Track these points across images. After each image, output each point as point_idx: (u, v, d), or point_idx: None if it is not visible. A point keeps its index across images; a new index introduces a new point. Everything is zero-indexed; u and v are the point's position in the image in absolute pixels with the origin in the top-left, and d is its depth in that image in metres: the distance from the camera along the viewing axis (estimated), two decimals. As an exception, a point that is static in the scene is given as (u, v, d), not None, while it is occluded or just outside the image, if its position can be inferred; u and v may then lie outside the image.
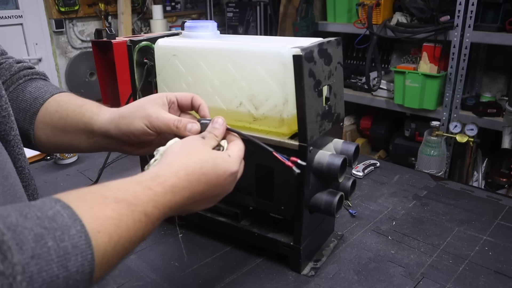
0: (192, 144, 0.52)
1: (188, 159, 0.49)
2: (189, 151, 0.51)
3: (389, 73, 2.41)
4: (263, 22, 2.94)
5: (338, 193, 0.75)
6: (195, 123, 0.60)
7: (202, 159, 0.50)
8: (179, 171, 0.48)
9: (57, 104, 0.66)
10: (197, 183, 0.49)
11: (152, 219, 0.44)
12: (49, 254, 0.32)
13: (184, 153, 0.51)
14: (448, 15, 1.96)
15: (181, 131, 0.59)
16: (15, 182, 0.48)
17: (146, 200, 0.43)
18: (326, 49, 0.72)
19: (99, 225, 0.38)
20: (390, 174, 1.20)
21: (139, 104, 0.62)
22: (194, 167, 0.49)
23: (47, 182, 1.19)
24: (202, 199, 0.51)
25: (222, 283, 0.76)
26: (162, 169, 0.47)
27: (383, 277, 0.77)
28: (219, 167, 0.51)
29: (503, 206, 1.02)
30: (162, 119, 0.59)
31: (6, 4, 2.47)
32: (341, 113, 0.81)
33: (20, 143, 0.52)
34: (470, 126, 1.97)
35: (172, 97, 0.64)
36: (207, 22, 0.83)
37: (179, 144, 0.53)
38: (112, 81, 1.40)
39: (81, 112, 0.65)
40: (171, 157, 0.50)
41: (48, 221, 0.34)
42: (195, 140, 0.54)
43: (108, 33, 1.34)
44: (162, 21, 3.02)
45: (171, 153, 0.51)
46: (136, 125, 0.60)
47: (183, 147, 0.52)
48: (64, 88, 2.81)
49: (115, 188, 0.43)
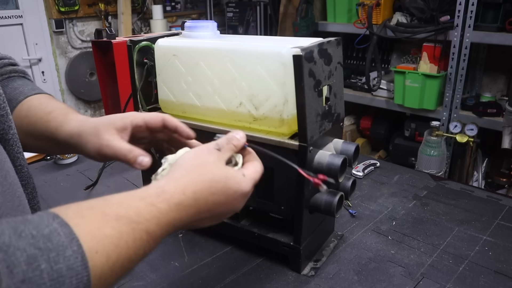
0: (204, 159, 0.49)
1: (198, 175, 0.46)
2: (200, 166, 0.48)
3: (389, 73, 2.41)
4: (263, 22, 2.94)
5: (338, 193, 0.75)
6: (147, 156, 0.56)
7: (212, 179, 0.47)
8: (186, 188, 0.45)
9: (27, 108, 0.64)
10: (204, 202, 0.46)
11: (154, 237, 0.41)
12: (41, 278, 0.31)
13: (194, 168, 0.47)
14: (448, 15, 1.96)
15: (132, 164, 0.55)
16: (14, 181, 0.47)
17: (149, 217, 0.41)
18: (326, 49, 0.72)
19: (97, 244, 0.36)
20: (390, 174, 1.20)
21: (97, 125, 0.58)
22: (203, 186, 0.46)
23: (47, 182, 1.19)
24: (208, 217, 0.48)
25: (222, 283, 0.76)
26: (169, 184, 0.45)
27: (383, 277, 0.77)
28: (230, 188, 0.48)
29: (503, 206, 1.02)
30: (112, 147, 0.56)
31: (6, 4, 2.47)
32: (341, 113, 0.81)
33: (18, 141, 0.51)
34: (470, 126, 1.97)
35: (139, 121, 0.60)
36: (207, 22, 0.83)
37: (191, 156, 0.50)
38: (112, 81, 1.40)
39: (47, 120, 0.62)
40: (180, 170, 0.47)
41: (43, 241, 0.33)
42: (209, 153, 0.50)
43: (108, 33, 1.34)
44: (162, 21, 3.02)
45: (180, 166, 0.48)
46: (88, 149, 0.58)
47: (194, 161, 0.48)
48: (64, 88, 2.81)
49: (116, 203, 0.40)
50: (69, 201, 0.39)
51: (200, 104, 0.81)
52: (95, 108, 3.03)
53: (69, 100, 2.87)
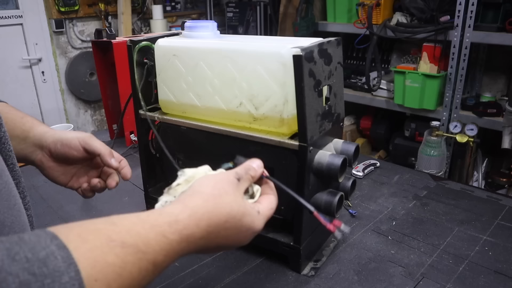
0: (224, 189, 0.47)
1: (215, 208, 0.45)
2: (219, 197, 0.46)
3: (389, 73, 2.41)
4: (263, 22, 2.94)
5: (338, 193, 0.75)
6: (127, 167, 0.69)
7: (230, 213, 0.45)
8: (201, 220, 0.43)
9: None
10: (216, 235, 0.45)
11: (160, 267, 0.39)
12: None
13: (213, 198, 0.45)
14: (448, 15, 1.96)
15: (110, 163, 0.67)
16: (8, 180, 0.46)
17: (158, 249, 0.39)
18: (326, 49, 0.72)
19: (97, 272, 0.33)
20: (390, 174, 1.20)
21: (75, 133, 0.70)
22: (219, 220, 0.44)
23: (47, 182, 1.18)
24: (214, 247, 0.47)
25: (222, 283, 0.76)
26: (183, 213, 0.42)
27: (383, 277, 0.77)
28: (244, 225, 0.47)
29: (503, 206, 1.02)
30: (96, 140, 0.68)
31: (6, 4, 2.47)
32: (341, 113, 0.81)
33: (9, 140, 0.50)
34: (470, 126, 1.96)
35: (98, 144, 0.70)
36: (207, 22, 0.83)
37: (210, 184, 0.47)
38: (112, 81, 1.40)
39: (21, 122, 0.67)
40: (196, 199, 0.45)
41: (38, 265, 0.30)
42: (230, 183, 0.48)
43: (108, 33, 1.34)
44: (162, 21, 3.02)
45: (198, 193, 0.46)
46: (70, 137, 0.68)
47: (214, 190, 0.46)
48: (64, 88, 2.81)
49: (125, 229, 0.38)
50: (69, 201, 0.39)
51: (200, 104, 0.81)
52: (95, 108, 3.03)
53: (69, 100, 2.87)
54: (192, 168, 0.51)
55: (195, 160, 0.87)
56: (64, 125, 1.32)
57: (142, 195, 0.99)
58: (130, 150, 1.39)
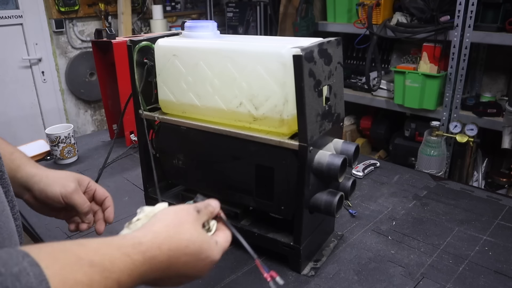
0: (184, 218, 0.50)
1: (176, 233, 0.47)
2: (179, 225, 0.49)
3: (389, 73, 2.40)
4: (263, 22, 2.93)
5: (338, 193, 0.75)
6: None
7: (190, 239, 0.48)
8: (163, 244, 0.45)
9: None
10: (176, 260, 0.47)
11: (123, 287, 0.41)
12: None
13: (174, 225, 0.48)
14: (448, 15, 1.96)
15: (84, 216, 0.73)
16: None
17: (123, 267, 0.41)
18: (326, 49, 0.72)
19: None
20: (390, 174, 1.20)
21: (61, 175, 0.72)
22: (179, 245, 0.47)
23: (47, 182, 1.19)
24: (174, 276, 0.49)
25: (222, 283, 0.76)
26: (146, 237, 0.45)
27: (383, 277, 0.77)
28: (203, 252, 0.49)
29: (503, 206, 1.02)
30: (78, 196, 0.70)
31: (6, 4, 2.47)
32: (341, 113, 0.81)
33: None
34: (470, 126, 1.96)
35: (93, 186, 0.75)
36: (207, 22, 0.83)
37: (171, 213, 0.51)
38: (112, 81, 1.40)
39: (10, 159, 0.69)
40: (158, 225, 0.48)
41: (11, 280, 0.31)
42: (188, 214, 0.52)
43: (108, 33, 1.34)
44: (162, 21, 3.02)
45: (159, 220, 0.49)
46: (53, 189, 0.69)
47: (175, 219, 0.49)
48: (64, 88, 2.81)
49: (92, 250, 0.40)
50: None
51: (200, 104, 0.81)
52: (95, 108, 3.03)
53: (69, 100, 2.87)
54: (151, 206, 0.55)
55: (195, 160, 0.88)
56: (64, 125, 1.32)
57: (142, 195, 0.99)
58: (130, 150, 1.39)
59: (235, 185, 0.82)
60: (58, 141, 1.27)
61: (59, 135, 1.26)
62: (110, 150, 1.04)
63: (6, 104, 2.54)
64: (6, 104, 2.54)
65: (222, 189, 0.85)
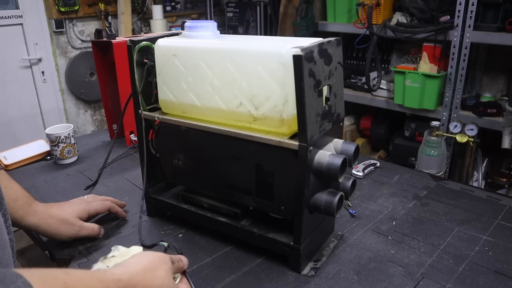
0: (159, 266, 0.58)
1: (150, 278, 0.55)
2: (154, 270, 0.56)
3: (389, 73, 2.40)
4: (263, 22, 2.93)
5: (338, 193, 0.75)
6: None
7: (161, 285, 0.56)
8: (137, 285, 0.52)
9: None
10: None
11: None
12: None
13: (149, 270, 0.56)
14: (448, 15, 1.96)
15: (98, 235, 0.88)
16: None
17: None
18: (326, 49, 0.72)
19: None
20: (390, 174, 1.20)
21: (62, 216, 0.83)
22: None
23: (47, 182, 1.19)
24: None
25: (222, 283, 0.76)
26: (125, 275, 0.52)
27: (383, 277, 0.77)
28: None
29: (503, 206, 1.02)
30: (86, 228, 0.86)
31: (6, 4, 2.47)
32: (341, 113, 0.81)
33: None
34: (470, 126, 1.96)
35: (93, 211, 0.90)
36: (207, 22, 0.83)
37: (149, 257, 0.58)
38: (112, 81, 1.40)
39: (14, 207, 0.78)
40: (136, 267, 0.55)
41: None
42: (164, 262, 0.59)
43: (108, 33, 1.34)
44: (162, 21, 3.02)
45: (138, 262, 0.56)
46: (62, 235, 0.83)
47: (151, 264, 0.57)
48: (64, 88, 2.81)
49: (77, 279, 0.45)
50: None
51: (200, 104, 0.81)
52: (95, 108, 3.03)
53: (69, 100, 2.87)
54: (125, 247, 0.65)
55: (195, 160, 0.87)
56: (64, 125, 1.32)
57: (142, 195, 0.99)
58: (130, 150, 1.39)
59: (235, 185, 0.82)
60: (58, 141, 1.27)
61: (59, 135, 1.26)
62: (110, 150, 1.05)
63: (6, 104, 2.54)
64: (6, 104, 2.54)
65: (222, 189, 0.85)
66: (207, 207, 0.89)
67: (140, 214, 0.91)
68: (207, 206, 0.89)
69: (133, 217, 0.99)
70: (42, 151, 1.35)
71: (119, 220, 0.98)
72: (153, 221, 0.97)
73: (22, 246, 1.91)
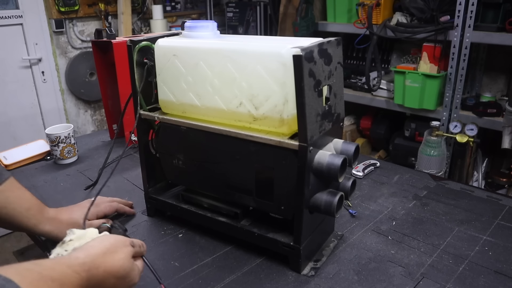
0: (120, 249, 0.61)
1: (111, 260, 0.59)
2: (115, 253, 0.60)
3: (389, 73, 2.40)
4: (263, 22, 2.93)
5: (338, 193, 0.75)
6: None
7: (122, 266, 0.60)
8: (100, 266, 0.57)
9: (5, 200, 0.80)
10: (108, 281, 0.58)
11: None
12: None
13: (110, 252, 0.59)
14: (448, 15, 1.96)
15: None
16: None
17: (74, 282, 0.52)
18: (326, 49, 0.72)
19: None
20: (390, 174, 1.20)
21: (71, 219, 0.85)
22: (112, 269, 0.58)
23: (47, 182, 1.19)
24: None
25: (222, 283, 0.76)
26: (87, 258, 0.56)
27: (383, 277, 0.77)
28: (129, 276, 0.61)
29: (503, 206, 1.02)
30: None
31: (6, 4, 2.47)
32: (341, 113, 0.81)
33: None
34: (470, 126, 1.96)
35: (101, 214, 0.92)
36: (207, 22, 0.83)
37: (110, 241, 0.61)
38: (112, 81, 1.40)
39: (27, 216, 0.81)
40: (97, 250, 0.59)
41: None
42: (126, 245, 0.63)
43: (108, 33, 1.34)
44: (162, 21, 3.01)
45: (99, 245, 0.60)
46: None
47: (112, 247, 0.60)
48: (64, 88, 2.81)
49: (49, 268, 0.50)
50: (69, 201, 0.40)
51: (200, 104, 0.81)
52: (95, 108, 3.03)
53: (69, 100, 2.87)
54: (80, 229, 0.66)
55: (195, 160, 0.87)
56: (64, 125, 1.32)
57: (142, 195, 0.99)
58: (130, 150, 1.39)
59: (235, 185, 0.82)
60: (58, 141, 1.27)
61: (59, 135, 1.26)
62: (110, 150, 1.04)
63: (6, 104, 2.54)
64: (6, 104, 2.54)
65: (222, 189, 0.85)
66: (207, 207, 0.89)
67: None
68: (207, 206, 0.89)
69: (133, 216, 0.99)
70: (42, 151, 1.35)
71: (122, 217, 0.98)
72: (153, 221, 0.97)
73: (22, 246, 1.91)
